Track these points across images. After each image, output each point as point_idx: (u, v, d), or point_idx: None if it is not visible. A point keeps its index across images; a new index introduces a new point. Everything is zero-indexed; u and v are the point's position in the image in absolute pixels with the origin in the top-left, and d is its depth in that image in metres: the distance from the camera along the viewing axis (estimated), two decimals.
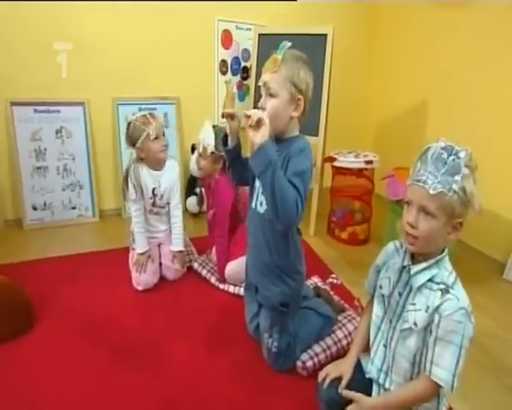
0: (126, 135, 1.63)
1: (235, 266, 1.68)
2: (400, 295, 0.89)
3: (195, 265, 1.85)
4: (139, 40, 2.33)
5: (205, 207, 1.97)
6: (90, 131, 2.36)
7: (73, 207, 2.41)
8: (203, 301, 1.66)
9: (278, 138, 1.10)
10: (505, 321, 1.62)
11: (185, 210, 2.56)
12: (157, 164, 1.69)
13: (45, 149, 2.27)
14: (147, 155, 1.64)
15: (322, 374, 1.01)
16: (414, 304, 0.84)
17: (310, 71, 1.07)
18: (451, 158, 0.76)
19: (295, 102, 1.05)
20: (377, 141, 3.09)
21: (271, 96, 1.03)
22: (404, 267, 0.89)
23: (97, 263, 1.92)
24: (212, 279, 1.77)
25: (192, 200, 2.52)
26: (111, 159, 2.47)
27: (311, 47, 2.31)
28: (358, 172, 2.28)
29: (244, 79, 2.64)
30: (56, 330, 1.44)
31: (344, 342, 1.35)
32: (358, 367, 0.99)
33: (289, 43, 1.05)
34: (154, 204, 1.74)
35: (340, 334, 1.37)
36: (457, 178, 0.75)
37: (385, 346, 0.94)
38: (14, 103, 2.16)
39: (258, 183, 1.17)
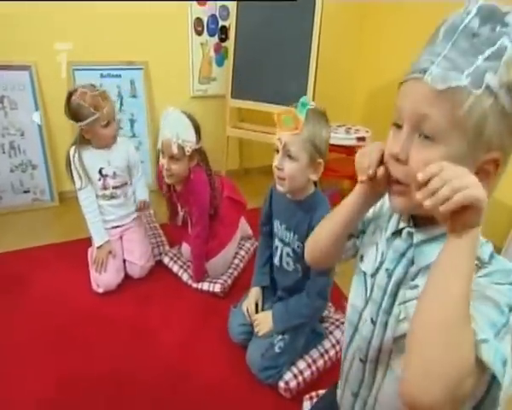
0: (67, 108, 1.35)
1: (217, 262, 1.49)
2: (389, 275, 0.53)
3: (166, 259, 1.62)
4: None
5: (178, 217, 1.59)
6: (40, 101, 2.00)
7: (26, 191, 2.08)
8: (174, 305, 1.43)
9: (295, 196, 1.05)
10: None
11: (156, 190, 2.29)
12: (104, 145, 1.45)
13: None
14: (93, 137, 1.40)
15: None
16: (416, 287, 0.50)
17: (329, 127, 0.99)
18: (490, 26, 0.39)
19: (315, 165, 0.98)
20: (367, 115, 2.85)
21: (290, 157, 0.96)
22: (399, 232, 0.53)
23: (54, 258, 1.65)
24: (185, 276, 1.54)
25: None
26: (69, 132, 2.12)
27: (298, 6, 2.01)
28: (350, 150, 2.08)
29: (222, 40, 2.30)
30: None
31: (331, 353, 1.19)
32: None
33: (312, 103, 0.95)
34: (105, 187, 1.49)
35: (326, 344, 1.20)
36: (495, 62, 0.38)
37: (362, 361, 0.59)
38: None
39: (277, 241, 1.16)
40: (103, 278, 1.44)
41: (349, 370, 0.63)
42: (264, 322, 1.15)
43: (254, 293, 1.25)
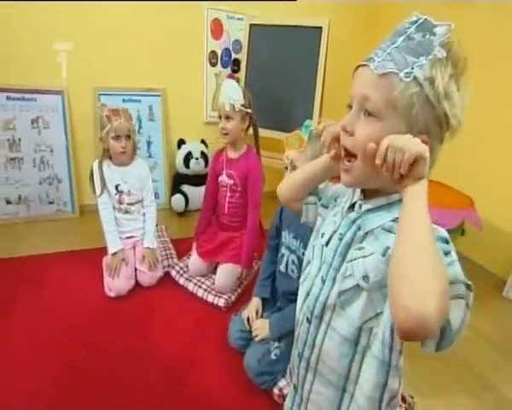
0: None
1: (226, 277, 1.62)
2: (341, 238, 0.61)
3: (173, 272, 1.75)
4: (124, 28, 2.18)
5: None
6: (69, 121, 2.22)
7: (51, 202, 2.28)
8: (179, 312, 1.55)
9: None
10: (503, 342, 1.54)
11: (170, 208, 2.47)
12: (118, 162, 1.64)
13: (19, 140, 2.14)
14: (109, 149, 1.60)
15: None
16: (362, 249, 0.56)
17: None
18: (421, 34, 0.49)
19: None
20: None
21: None
22: (353, 205, 0.62)
23: (71, 263, 1.80)
24: (190, 286, 1.67)
25: (177, 198, 2.40)
26: (92, 152, 2.33)
27: (306, 40, 2.20)
28: None
29: (235, 71, 2.51)
30: (12, 340, 1.33)
31: None
32: None
33: (314, 124, 1.10)
34: (120, 202, 1.67)
35: None
36: (424, 60, 0.48)
37: (308, 321, 0.64)
38: None
39: (284, 249, 1.26)
40: (115, 284, 1.58)
41: (298, 335, 0.69)
42: (262, 328, 1.25)
43: (255, 303, 1.36)
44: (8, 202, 2.18)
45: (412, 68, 0.48)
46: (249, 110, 1.56)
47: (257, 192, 1.62)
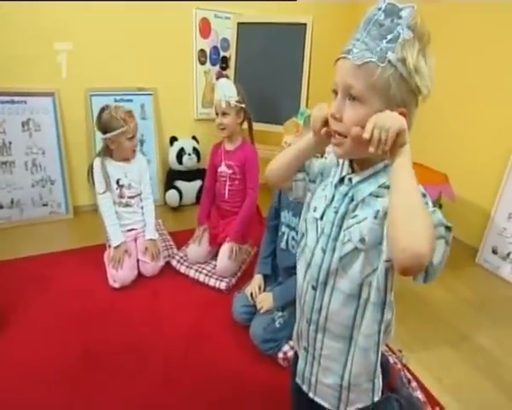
0: (99, 120, 1.58)
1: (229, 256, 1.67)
2: (336, 211, 0.67)
3: (174, 262, 1.78)
4: (113, 28, 2.21)
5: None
6: (61, 123, 2.22)
7: (45, 204, 2.26)
8: (183, 297, 1.59)
9: None
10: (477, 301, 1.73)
11: (164, 204, 2.49)
12: (123, 158, 1.69)
13: (10, 143, 2.12)
14: (116, 148, 1.62)
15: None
16: (356, 216, 0.63)
17: None
18: (390, 19, 0.55)
19: None
20: None
21: None
22: (342, 179, 0.68)
23: (71, 262, 1.80)
24: (191, 273, 1.71)
25: (171, 193, 2.43)
26: (85, 152, 2.34)
27: (291, 36, 2.29)
28: None
29: (223, 68, 2.57)
30: (27, 337, 1.34)
31: None
32: None
33: (308, 111, 1.16)
34: (121, 195, 1.70)
35: None
36: (393, 44, 0.54)
37: (314, 288, 0.70)
38: None
39: (284, 228, 1.35)
40: (119, 275, 1.59)
41: (303, 303, 0.74)
42: (266, 300, 1.31)
43: (257, 279, 1.42)
44: (1, 207, 2.15)
45: (386, 53, 0.54)
46: (243, 105, 1.67)
47: (254, 176, 1.72)
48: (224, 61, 2.56)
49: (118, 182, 1.68)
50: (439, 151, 2.23)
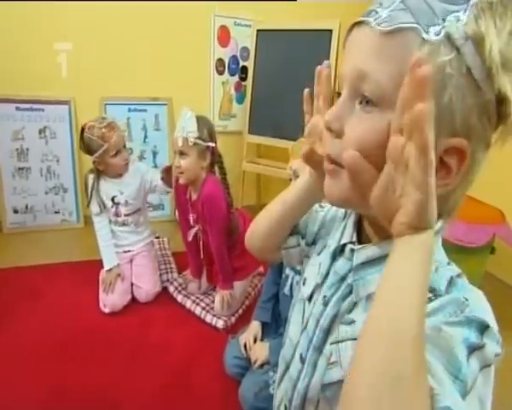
0: (81, 143, 1.49)
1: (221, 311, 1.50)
2: (325, 303, 0.43)
3: (171, 288, 1.68)
4: (129, 36, 2.17)
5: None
6: (75, 131, 2.22)
7: (57, 212, 2.28)
8: (175, 331, 1.48)
9: None
10: None
11: (175, 220, 2.41)
12: (117, 174, 1.57)
13: (27, 150, 2.15)
14: (105, 168, 1.51)
15: None
16: (352, 322, 0.40)
17: None
18: None
19: None
20: None
21: None
22: (342, 248, 0.43)
23: (69, 276, 1.77)
24: (188, 303, 1.59)
25: None
26: None
27: (315, 44, 2.10)
28: None
29: (243, 79, 2.44)
30: (6, 349, 1.31)
31: None
32: None
33: None
34: (117, 214, 1.60)
35: None
36: (461, 5, 0.28)
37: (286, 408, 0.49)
38: None
39: (288, 271, 1.17)
40: (110, 299, 1.53)
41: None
42: (261, 351, 1.15)
43: (253, 328, 1.26)
44: (16, 211, 2.19)
45: (443, 20, 0.28)
46: (210, 144, 1.34)
47: (216, 219, 1.39)
48: (244, 71, 2.43)
49: (113, 200, 1.59)
50: (493, 182, 1.83)
